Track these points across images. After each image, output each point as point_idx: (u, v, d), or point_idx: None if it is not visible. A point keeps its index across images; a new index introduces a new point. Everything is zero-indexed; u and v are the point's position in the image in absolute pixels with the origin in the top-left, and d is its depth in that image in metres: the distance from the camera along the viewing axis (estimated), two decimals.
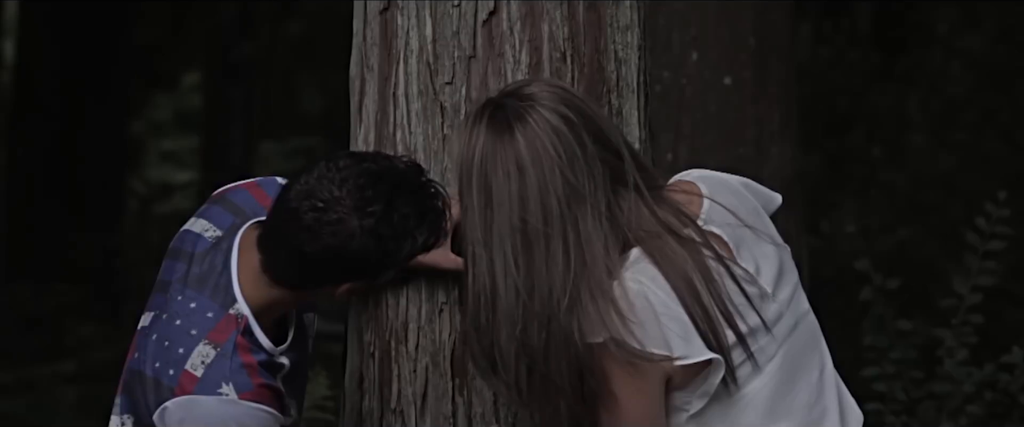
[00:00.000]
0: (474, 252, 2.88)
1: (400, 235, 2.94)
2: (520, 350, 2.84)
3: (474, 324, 2.88)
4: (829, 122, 11.10)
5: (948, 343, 5.91)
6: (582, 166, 2.86)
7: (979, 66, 10.04)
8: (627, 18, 3.31)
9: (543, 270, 2.84)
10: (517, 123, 2.87)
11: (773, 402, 2.92)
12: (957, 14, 10.36)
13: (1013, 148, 9.55)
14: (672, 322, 2.84)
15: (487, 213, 2.86)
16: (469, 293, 2.89)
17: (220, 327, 3.00)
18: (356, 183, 2.93)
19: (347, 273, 3.01)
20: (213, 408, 2.96)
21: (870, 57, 11.14)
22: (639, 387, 2.85)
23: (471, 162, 2.88)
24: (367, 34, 3.36)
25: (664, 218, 2.90)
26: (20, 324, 10.93)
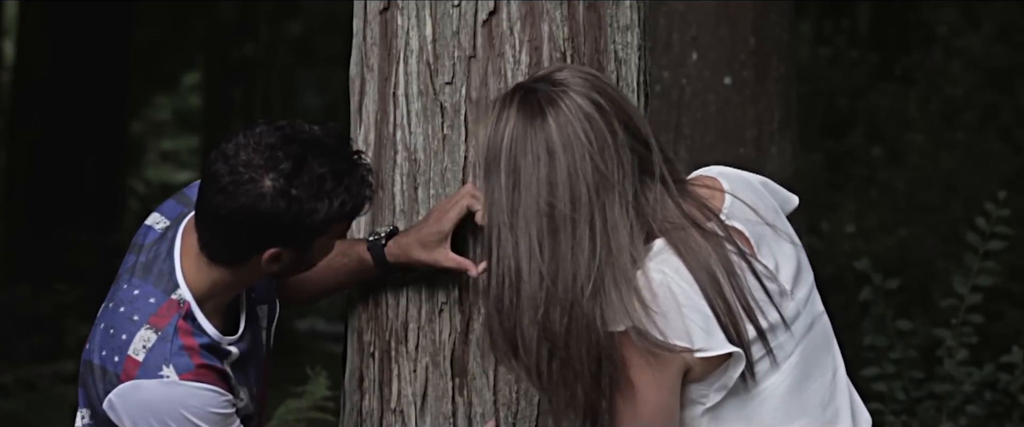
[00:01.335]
0: (499, 234, 2.87)
1: (314, 196, 2.94)
2: (542, 334, 2.84)
3: (497, 306, 2.88)
4: (829, 122, 11.10)
5: (948, 343, 5.91)
6: (612, 154, 2.86)
7: (979, 66, 10.03)
8: (627, 18, 3.31)
9: (568, 255, 2.84)
10: (549, 108, 2.87)
11: (789, 400, 2.92)
12: (957, 14, 10.35)
13: (1013, 148, 9.54)
14: (694, 314, 2.84)
15: (514, 196, 2.86)
16: (492, 275, 2.88)
17: (161, 312, 3.03)
18: (268, 143, 2.95)
19: (265, 236, 2.98)
20: (155, 391, 2.98)
21: (870, 57, 11.14)
22: (658, 377, 2.85)
23: (500, 145, 2.88)
24: (367, 34, 3.36)
25: (688, 211, 2.91)
26: (20, 324, 10.94)
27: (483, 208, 2.94)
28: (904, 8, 11.75)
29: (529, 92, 2.88)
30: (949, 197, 9.33)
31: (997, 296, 7.53)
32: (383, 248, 3.25)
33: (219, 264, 3.03)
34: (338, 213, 2.97)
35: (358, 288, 3.35)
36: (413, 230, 3.23)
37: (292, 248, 3.00)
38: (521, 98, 2.87)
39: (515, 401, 3.23)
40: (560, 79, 2.88)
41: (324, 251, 3.07)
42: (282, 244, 2.99)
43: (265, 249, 2.99)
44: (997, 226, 5.87)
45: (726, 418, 2.90)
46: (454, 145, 3.25)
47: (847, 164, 10.22)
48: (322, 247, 3.05)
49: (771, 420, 2.91)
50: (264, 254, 2.99)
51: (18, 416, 9.04)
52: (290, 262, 3.03)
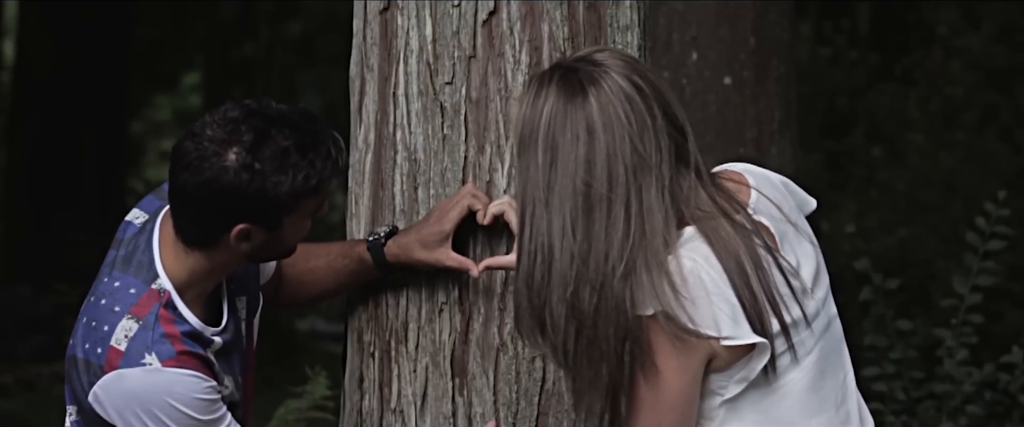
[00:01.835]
0: (533, 211, 2.87)
1: (278, 168, 2.95)
2: (570, 312, 2.84)
3: (527, 282, 2.88)
4: (829, 122, 11.10)
5: (948, 343, 5.91)
6: (651, 137, 2.86)
7: (979, 66, 10.03)
8: (627, 18, 3.31)
9: (602, 235, 2.84)
10: (590, 87, 2.87)
11: (807, 397, 2.94)
12: (957, 14, 10.35)
13: (1013, 148, 9.54)
14: (722, 302, 2.84)
15: (551, 173, 2.86)
16: (524, 252, 2.88)
17: (142, 301, 3.04)
18: (231, 118, 2.97)
19: (231, 211, 2.98)
20: (139, 379, 2.99)
21: (870, 57, 11.14)
22: (683, 363, 2.85)
23: (537, 122, 2.87)
24: (367, 34, 3.36)
25: (719, 201, 2.92)
26: (20, 324, 10.94)
27: (517, 185, 2.94)
28: (904, 8, 11.75)
29: (569, 71, 2.88)
30: (949, 197, 9.32)
31: (997, 296, 7.53)
32: (383, 248, 3.25)
33: (195, 248, 3.04)
34: (303, 187, 2.97)
35: (358, 288, 3.35)
36: (413, 230, 3.23)
37: (261, 225, 3.01)
38: (561, 76, 2.87)
39: (515, 401, 3.23)
40: (600, 60, 2.88)
41: (298, 232, 3.06)
42: (250, 220, 2.99)
43: (233, 225, 2.99)
44: (997, 226, 5.87)
45: (743, 411, 2.91)
46: (454, 145, 3.25)
47: (847, 164, 10.22)
48: (294, 227, 3.05)
49: (788, 416, 2.91)
50: (233, 231, 3.00)
51: (18, 416, 9.04)
52: (263, 242, 3.03)
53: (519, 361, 3.23)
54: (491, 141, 3.25)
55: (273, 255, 3.11)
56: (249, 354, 3.23)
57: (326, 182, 3.00)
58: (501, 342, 3.23)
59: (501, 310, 3.24)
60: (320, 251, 3.37)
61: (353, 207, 3.40)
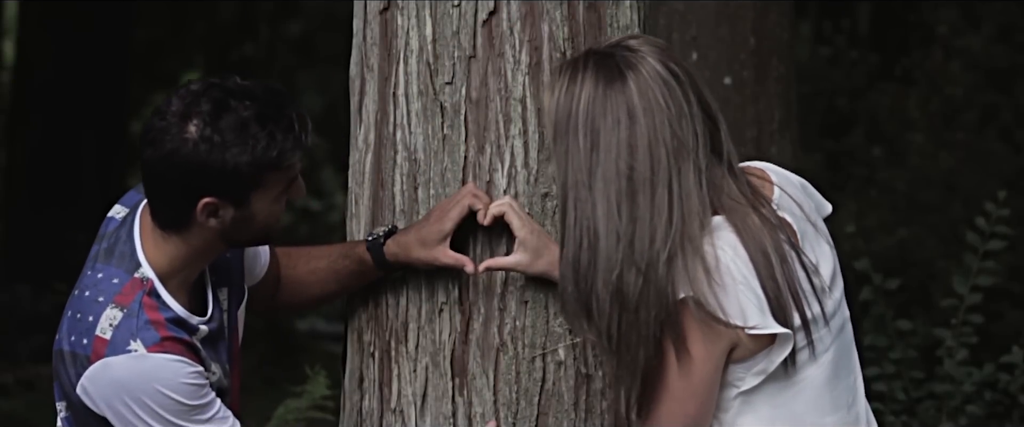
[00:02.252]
0: (577, 195, 2.88)
1: (237, 139, 2.96)
2: (614, 296, 2.85)
3: (574, 267, 2.89)
4: (829, 122, 11.09)
5: (948, 343, 5.91)
6: (688, 122, 2.88)
7: (979, 66, 10.03)
8: (627, 18, 3.31)
9: (646, 218, 2.86)
10: (628, 71, 2.88)
11: (822, 394, 2.95)
12: (957, 14, 10.34)
13: (1013, 148, 9.54)
14: (749, 292, 2.86)
15: (592, 157, 2.87)
16: (569, 237, 2.89)
17: (125, 290, 3.05)
18: (193, 91, 3.00)
19: (194, 185, 2.99)
20: (125, 367, 3.00)
21: (870, 57, 11.13)
22: (709, 350, 2.87)
23: (575, 108, 2.88)
24: (367, 34, 3.36)
25: (747, 193, 2.94)
26: (20, 324, 10.93)
27: (557, 171, 2.93)
28: (904, 8, 11.74)
29: (605, 56, 2.89)
30: (949, 197, 9.32)
31: (997, 296, 7.53)
32: (382, 248, 3.25)
33: (170, 232, 3.06)
34: (263, 158, 2.98)
35: (358, 288, 3.35)
36: (413, 229, 3.23)
37: (227, 200, 3.01)
38: (597, 62, 2.89)
39: (515, 401, 3.23)
40: (635, 46, 2.90)
41: (270, 212, 3.06)
42: (213, 192, 3.00)
43: (198, 199, 3.00)
44: (997, 226, 5.87)
45: (757, 404, 2.93)
46: (454, 145, 3.25)
47: (847, 164, 10.21)
48: (265, 205, 3.04)
49: (802, 412, 2.93)
50: (198, 205, 3.01)
51: (18, 416, 9.04)
52: (232, 220, 3.04)
53: (519, 361, 3.23)
54: (491, 141, 3.25)
55: (248, 237, 3.10)
56: (234, 345, 3.23)
57: (287, 154, 3.00)
58: (501, 342, 3.23)
59: (501, 310, 3.24)
60: (321, 253, 3.37)
61: (353, 207, 3.40)
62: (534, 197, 3.24)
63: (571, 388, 3.24)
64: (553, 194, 3.24)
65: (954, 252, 7.30)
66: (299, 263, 3.39)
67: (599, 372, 3.26)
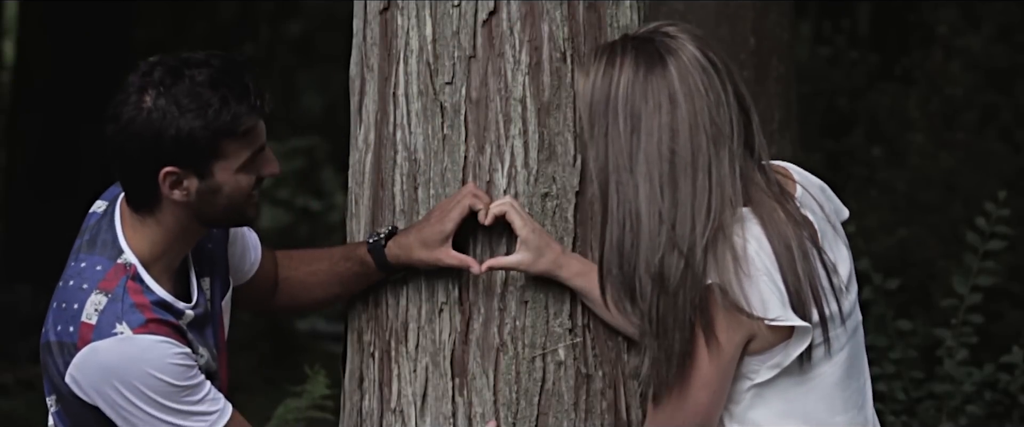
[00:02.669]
0: (619, 179, 2.89)
1: (189, 105, 2.98)
2: (656, 278, 2.86)
3: (618, 250, 2.90)
4: (829, 122, 11.09)
5: (948, 343, 5.91)
6: (725, 111, 2.90)
7: (979, 66, 10.02)
8: (627, 18, 3.31)
9: (688, 202, 2.87)
10: (669, 56, 2.90)
11: (835, 393, 2.97)
12: (957, 14, 10.34)
13: (1013, 148, 9.53)
14: (771, 284, 2.88)
15: (633, 140, 2.88)
16: (612, 221, 2.90)
17: (109, 276, 3.06)
18: (149, 64, 3.04)
19: (153, 155, 3.01)
20: (112, 350, 3.01)
21: (870, 57, 11.12)
22: (730, 337, 2.89)
23: (614, 91, 2.89)
24: (367, 34, 3.36)
25: (774, 188, 2.95)
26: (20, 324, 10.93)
27: (594, 155, 2.93)
28: (904, 8, 11.73)
29: (644, 41, 2.91)
30: (949, 197, 9.31)
31: (997, 296, 7.52)
32: (383, 249, 3.25)
33: (144, 213, 3.08)
34: (217, 123, 2.99)
35: (360, 290, 3.35)
36: (414, 230, 3.23)
37: (189, 170, 3.02)
38: (636, 46, 2.90)
39: (515, 401, 3.23)
40: (673, 33, 2.93)
41: (235, 184, 3.06)
42: (173, 162, 3.01)
43: (159, 170, 3.02)
44: (997, 226, 5.86)
45: (769, 398, 2.93)
46: (454, 145, 3.25)
47: (847, 164, 10.21)
48: (228, 175, 3.05)
49: (814, 409, 2.94)
50: (161, 176, 3.02)
51: (18, 416, 9.04)
52: (198, 193, 3.04)
53: (519, 361, 3.23)
54: (491, 141, 3.25)
55: (218, 212, 3.09)
56: (220, 334, 3.24)
57: (242, 118, 3.01)
58: (501, 342, 3.23)
59: (501, 310, 3.24)
60: (322, 255, 3.38)
61: (353, 207, 3.40)
62: (534, 197, 3.24)
63: (571, 388, 3.24)
64: (553, 194, 3.24)
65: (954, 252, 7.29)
66: (300, 265, 3.39)
67: (599, 372, 3.27)
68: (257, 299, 3.39)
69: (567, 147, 3.25)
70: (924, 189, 9.46)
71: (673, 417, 2.92)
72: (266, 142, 3.08)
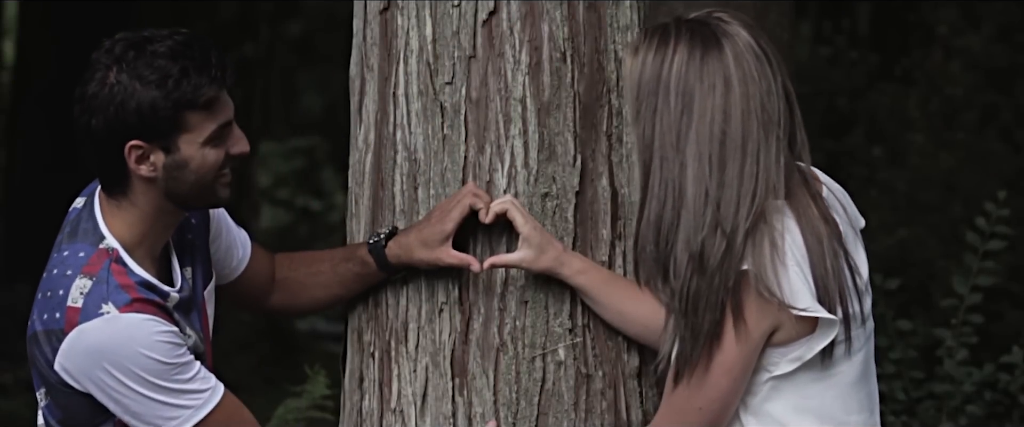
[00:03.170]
0: (664, 155, 2.90)
1: (149, 76, 2.99)
2: (696, 257, 2.87)
3: (656, 225, 2.91)
4: (829, 122, 11.08)
5: (948, 343, 5.91)
6: (775, 100, 2.92)
7: (979, 66, 10.02)
8: (627, 18, 3.31)
9: (735, 185, 2.88)
10: (725, 40, 2.91)
11: (851, 392, 2.98)
12: (957, 14, 10.34)
13: (1013, 148, 9.53)
14: (802, 276, 2.89)
15: (683, 120, 2.89)
16: (652, 197, 2.91)
17: (93, 261, 3.07)
18: (115, 41, 3.06)
19: (118, 130, 3.03)
20: (99, 330, 3.02)
21: (870, 57, 11.13)
22: (759, 325, 2.90)
23: (667, 70, 2.90)
24: (367, 34, 3.36)
25: (808, 184, 2.98)
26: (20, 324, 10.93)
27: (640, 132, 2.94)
28: (904, 8, 11.74)
29: (699, 24, 2.93)
30: (949, 197, 9.31)
31: (997, 296, 7.52)
32: (384, 250, 3.25)
33: (118, 196, 3.10)
34: (178, 94, 3.01)
35: (361, 290, 3.35)
36: (414, 230, 3.23)
37: (154, 143, 3.04)
38: (691, 28, 2.92)
39: (515, 401, 3.23)
40: (726, 18, 2.94)
41: (202, 159, 3.07)
42: (137, 135, 3.03)
43: (124, 144, 3.03)
44: (997, 226, 5.86)
45: (787, 392, 2.94)
46: (454, 145, 3.25)
47: (847, 164, 10.21)
48: (193, 149, 3.06)
49: (830, 407, 2.95)
50: (126, 150, 3.03)
51: (18, 416, 9.04)
52: (165, 168, 3.06)
53: (519, 361, 3.23)
54: (491, 141, 3.25)
55: (188, 189, 3.10)
56: (205, 321, 3.24)
57: (203, 89, 3.02)
58: (501, 342, 3.23)
59: (501, 310, 3.24)
60: (323, 256, 3.38)
61: (353, 207, 3.40)
62: (534, 197, 3.24)
63: (571, 388, 3.24)
64: (553, 194, 3.25)
65: (954, 252, 7.29)
66: (300, 266, 3.40)
67: (599, 372, 3.27)
68: (251, 298, 3.40)
69: (567, 147, 3.25)
70: (924, 189, 9.46)
71: (690, 400, 2.92)
72: (233, 119, 3.10)
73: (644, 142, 2.92)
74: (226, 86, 3.05)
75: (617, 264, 3.28)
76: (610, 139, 3.29)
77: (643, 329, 3.22)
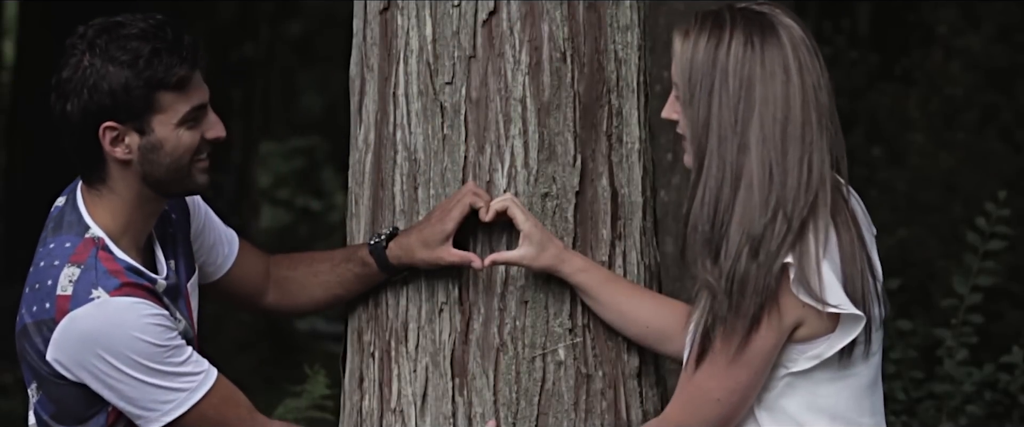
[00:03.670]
0: (721, 136, 2.90)
1: (121, 57, 3.02)
2: (753, 238, 2.88)
3: (713, 206, 2.90)
4: None
5: (948, 343, 5.91)
6: (825, 94, 2.94)
7: (979, 66, 10.02)
8: (627, 18, 3.31)
9: (796, 172, 2.90)
10: (781, 29, 2.92)
11: (864, 395, 2.99)
12: (957, 14, 10.34)
13: (1013, 148, 9.53)
14: (834, 274, 2.90)
15: (743, 106, 2.90)
16: (709, 175, 2.91)
17: (79, 249, 3.08)
18: (85, 28, 3.08)
19: (91, 112, 3.05)
20: (91, 315, 3.03)
21: (870, 57, 11.13)
22: (789, 313, 2.90)
23: (724, 56, 2.91)
24: (367, 34, 3.36)
25: (842, 186, 3.00)
26: None
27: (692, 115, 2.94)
28: (904, 8, 11.74)
29: (753, 13, 2.93)
30: (949, 197, 9.31)
31: (997, 296, 7.52)
32: (385, 250, 3.25)
33: (97, 184, 3.12)
34: (149, 73, 3.03)
35: (362, 291, 3.35)
36: (415, 230, 3.23)
37: (128, 125, 3.06)
38: (745, 17, 2.92)
39: (515, 401, 3.23)
40: (779, 10, 2.95)
41: (177, 141, 3.09)
42: (112, 117, 3.05)
43: (98, 126, 3.05)
44: (997, 226, 5.87)
45: (802, 389, 2.95)
46: (454, 145, 3.25)
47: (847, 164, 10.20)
48: (168, 130, 3.08)
49: (842, 408, 2.96)
50: (101, 132, 3.05)
51: (18, 416, 9.04)
52: (140, 149, 3.07)
53: (519, 361, 3.23)
54: (491, 141, 3.25)
55: (164, 173, 3.11)
56: (190, 312, 3.25)
57: (174, 69, 3.05)
58: (501, 342, 3.23)
59: (501, 310, 3.24)
60: (323, 257, 3.38)
61: (353, 207, 3.40)
62: (534, 197, 3.24)
63: (571, 388, 3.24)
64: (553, 194, 3.24)
65: (954, 252, 7.29)
66: (300, 265, 3.40)
67: (599, 372, 3.27)
68: (244, 296, 3.40)
69: (567, 147, 3.25)
70: (924, 189, 9.46)
71: (709, 390, 2.93)
72: (208, 104, 3.12)
73: (699, 124, 2.93)
74: (198, 67, 3.08)
75: (617, 264, 3.28)
76: (610, 139, 3.29)
77: (643, 329, 3.22)
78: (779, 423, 2.96)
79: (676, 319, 3.18)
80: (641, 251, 3.32)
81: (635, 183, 3.31)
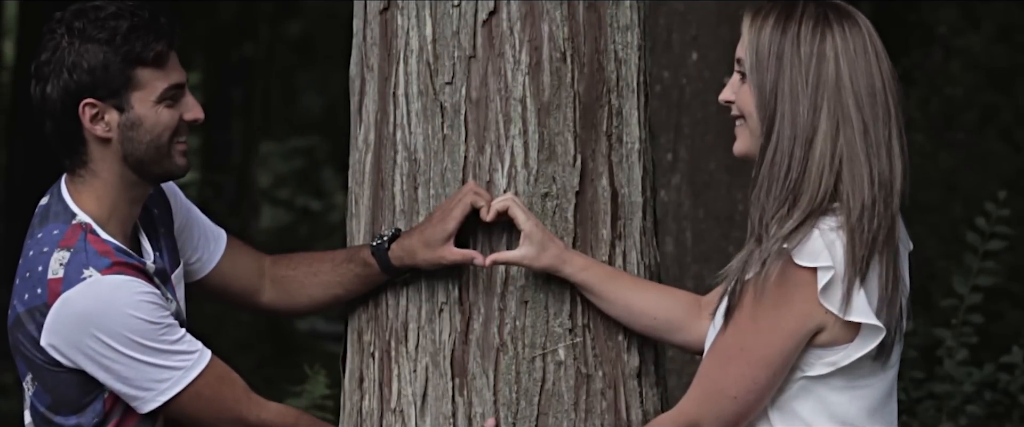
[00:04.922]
0: (791, 107, 2.89)
1: (98, 35, 3.06)
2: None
3: (786, 164, 2.89)
4: None
5: (948, 343, 5.91)
6: (892, 92, 2.95)
7: (979, 66, 10.02)
8: (627, 18, 3.31)
9: (885, 157, 2.99)
10: (855, 18, 2.93)
11: (878, 406, 2.99)
12: (957, 14, 10.34)
13: (1013, 148, 9.53)
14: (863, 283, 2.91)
15: (814, 70, 2.89)
16: (781, 136, 2.90)
17: (68, 235, 3.11)
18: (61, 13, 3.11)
19: (69, 90, 3.08)
20: (84, 295, 3.04)
21: None
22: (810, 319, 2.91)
23: (794, 34, 2.91)
24: (367, 34, 3.36)
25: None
26: None
27: (757, 85, 2.96)
28: (904, 8, 11.74)
29: (823, 2, 2.93)
30: (949, 197, 9.32)
31: (997, 296, 7.52)
32: (387, 252, 3.25)
33: (79, 169, 3.14)
34: (126, 49, 3.07)
35: (363, 292, 3.35)
36: (416, 231, 3.23)
37: (107, 102, 3.09)
38: (816, 3, 2.92)
39: (515, 401, 3.23)
40: (845, 2, 2.96)
41: (156, 119, 3.13)
42: (89, 93, 3.08)
43: (77, 104, 3.08)
44: (997, 226, 5.87)
45: (816, 395, 2.95)
46: (454, 145, 3.25)
47: None
48: (147, 108, 3.12)
49: (855, 417, 2.95)
50: (80, 109, 3.08)
51: (18, 415, 9.03)
52: (119, 127, 3.10)
53: (519, 361, 3.23)
54: (491, 141, 3.25)
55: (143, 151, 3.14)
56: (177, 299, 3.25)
57: (151, 45, 3.09)
58: (501, 342, 3.23)
59: (501, 310, 3.24)
60: (324, 257, 3.38)
61: (353, 207, 3.40)
62: (534, 197, 3.24)
63: (571, 388, 3.24)
64: (553, 194, 3.24)
65: (954, 252, 7.29)
66: (299, 265, 3.40)
67: (599, 372, 3.27)
68: (237, 294, 3.41)
69: (567, 147, 3.25)
70: (924, 189, 9.46)
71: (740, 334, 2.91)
72: (186, 85, 3.16)
73: (767, 90, 2.92)
74: (174, 46, 3.12)
75: (617, 264, 3.28)
76: (610, 139, 3.29)
77: (652, 321, 3.21)
78: (790, 425, 2.95)
79: (684, 308, 3.19)
80: (641, 251, 3.32)
81: (635, 183, 3.31)
